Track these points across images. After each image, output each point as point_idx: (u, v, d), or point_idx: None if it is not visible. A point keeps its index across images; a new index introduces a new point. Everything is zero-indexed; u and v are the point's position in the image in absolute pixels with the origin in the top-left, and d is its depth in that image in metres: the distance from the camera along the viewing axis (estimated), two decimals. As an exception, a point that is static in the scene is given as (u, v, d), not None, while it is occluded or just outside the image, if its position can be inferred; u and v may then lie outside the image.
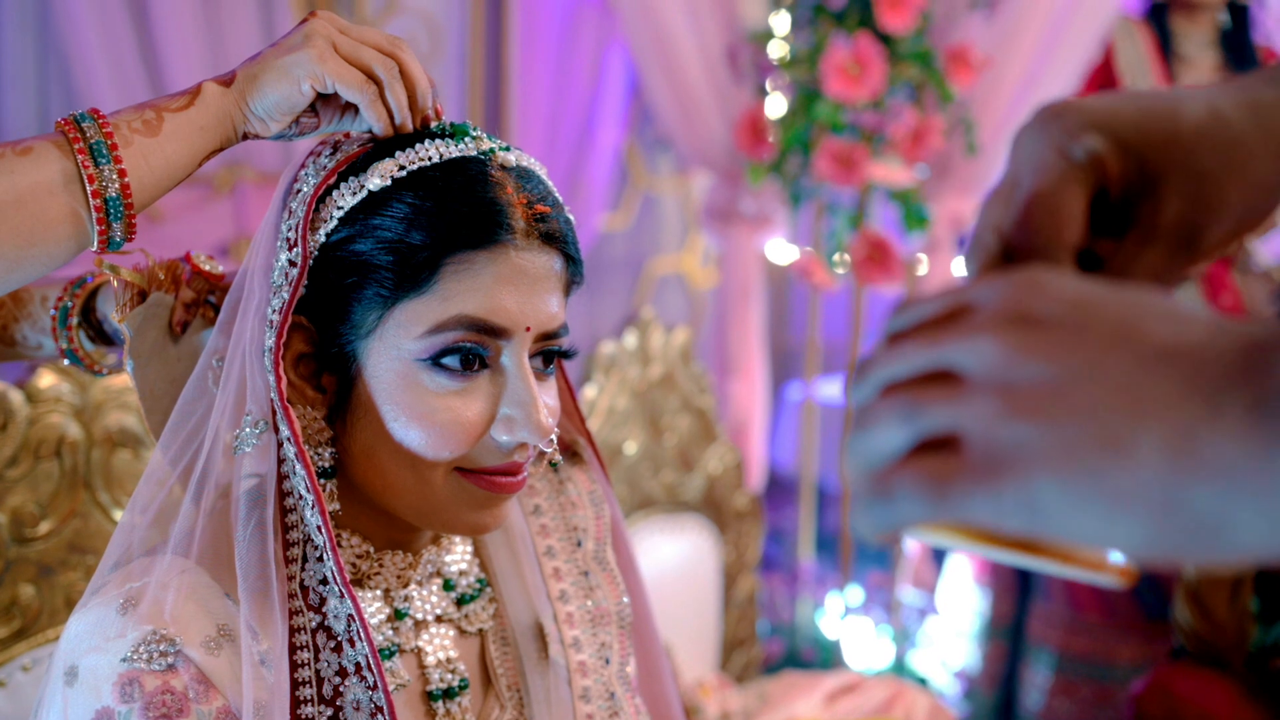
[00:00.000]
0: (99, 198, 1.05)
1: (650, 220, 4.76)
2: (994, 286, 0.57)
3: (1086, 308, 0.55)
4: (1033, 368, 0.54)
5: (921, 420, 0.56)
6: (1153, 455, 0.51)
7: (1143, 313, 0.54)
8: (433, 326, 1.09)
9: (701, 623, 2.68)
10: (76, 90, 3.13)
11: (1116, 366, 0.53)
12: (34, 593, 1.59)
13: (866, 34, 3.17)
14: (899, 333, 0.60)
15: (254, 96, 1.11)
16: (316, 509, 1.06)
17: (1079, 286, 0.56)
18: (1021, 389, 0.54)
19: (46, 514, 1.60)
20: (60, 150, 1.05)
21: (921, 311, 0.59)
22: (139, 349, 1.19)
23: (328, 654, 1.08)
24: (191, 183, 3.36)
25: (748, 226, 3.70)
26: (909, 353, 0.58)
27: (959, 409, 0.55)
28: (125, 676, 1.03)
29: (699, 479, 2.64)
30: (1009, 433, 0.53)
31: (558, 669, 1.26)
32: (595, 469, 1.36)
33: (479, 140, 1.15)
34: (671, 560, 2.58)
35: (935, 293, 0.60)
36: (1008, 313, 0.56)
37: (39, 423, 1.59)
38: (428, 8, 3.91)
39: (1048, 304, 0.55)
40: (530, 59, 3.96)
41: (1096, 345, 0.53)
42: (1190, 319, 0.54)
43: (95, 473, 1.64)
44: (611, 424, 2.46)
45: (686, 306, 4.84)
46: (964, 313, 0.57)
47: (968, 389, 0.55)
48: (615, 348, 2.49)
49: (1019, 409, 0.53)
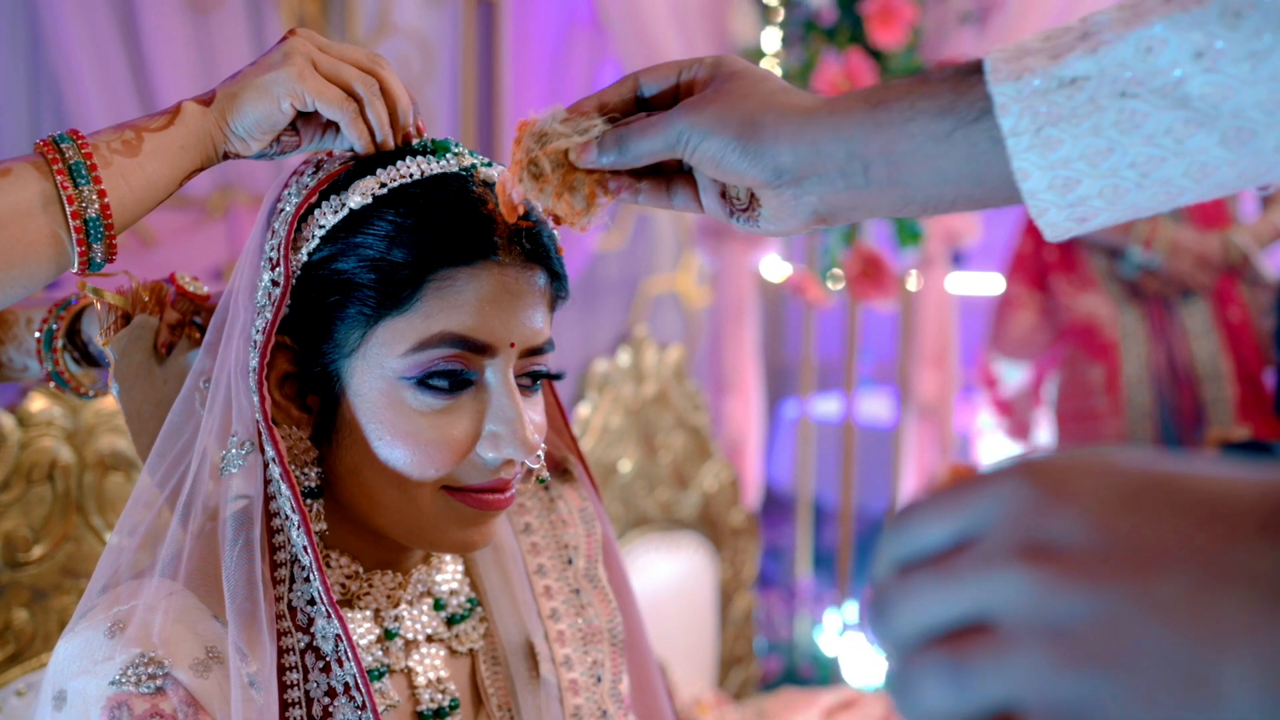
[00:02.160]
0: (79, 218, 1.04)
1: (645, 239, 4.77)
2: (1000, 498, 0.51)
3: (1115, 516, 0.48)
4: (1076, 603, 0.47)
5: (972, 683, 0.49)
6: (1244, 690, 0.44)
7: (1183, 510, 0.48)
8: (416, 344, 1.09)
9: (698, 640, 2.67)
10: (68, 113, 3.14)
11: (1170, 588, 0.46)
12: (27, 617, 1.58)
13: (857, 50, 3.18)
14: (908, 563, 0.53)
15: (234, 115, 1.11)
16: (302, 529, 1.06)
17: (1099, 486, 0.49)
18: (1072, 632, 0.47)
19: (39, 538, 1.59)
20: (39, 171, 1.04)
21: (927, 538, 0.53)
22: (124, 372, 1.18)
23: (316, 674, 1.07)
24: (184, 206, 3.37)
25: (741, 244, 3.70)
26: (929, 594, 0.51)
27: (1009, 666, 0.48)
28: (114, 700, 1.03)
29: (694, 496, 2.64)
30: (1073, 689, 0.46)
31: (549, 688, 1.25)
32: (586, 486, 1.36)
33: (460, 156, 1.14)
34: (667, 578, 2.58)
35: (938, 499, 0.53)
36: (1025, 538, 0.49)
37: (31, 447, 1.59)
38: (420, 27, 3.92)
39: (1069, 519, 0.49)
40: (523, 78, 3.97)
41: (1140, 564, 0.47)
42: (1239, 506, 0.47)
43: (88, 496, 1.64)
44: (606, 442, 2.46)
45: (681, 325, 4.85)
46: (972, 544, 0.51)
47: (1011, 639, 0.48)
48: (609, 366, 2.49)
49: (1076, 658, 0.47)
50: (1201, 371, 3.30)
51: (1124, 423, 3.32)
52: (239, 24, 3.47)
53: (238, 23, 3.46)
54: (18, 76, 3.24)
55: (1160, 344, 3.35)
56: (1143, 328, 3.35)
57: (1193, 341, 3.32)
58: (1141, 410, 3.34)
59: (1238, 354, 3.31)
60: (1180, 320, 3.33)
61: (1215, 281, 3.28)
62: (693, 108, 0.99)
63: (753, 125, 0.97)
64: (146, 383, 1.19)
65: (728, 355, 3.76)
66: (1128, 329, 3.36)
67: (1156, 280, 3.31)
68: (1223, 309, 3.31)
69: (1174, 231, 3.26)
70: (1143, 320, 3.36)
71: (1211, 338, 3.31)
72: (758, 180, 0.98)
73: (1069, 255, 3.41)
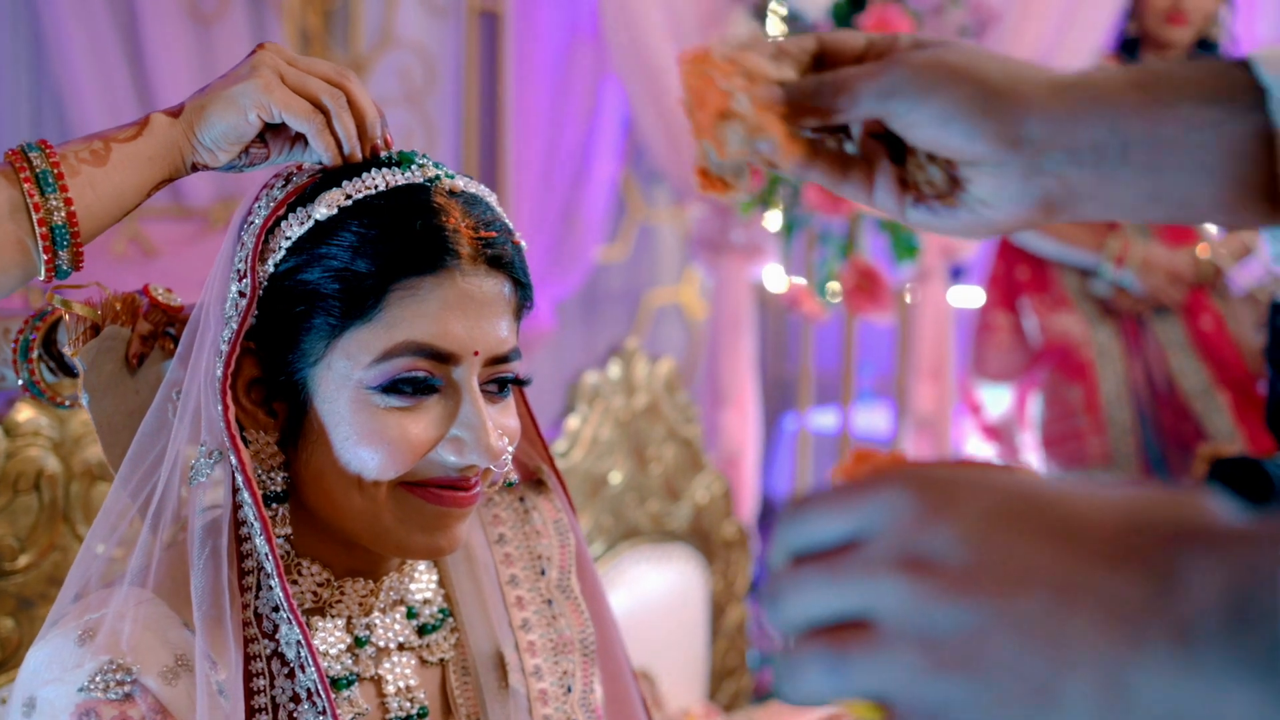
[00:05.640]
0: (44, 226, 1.06)
1: (647, 251, 4.78)
2: (887, 507, 0.55)
3: (987, 534, 0.52)
4: (946, 614, 0.51)
5: (848, 674, 0.53)
6: (1084, 705, 0.48)
7: (1048, 533, 0.52)
8: (381, 354, 1.10)
9: (690, 652, 2.68)
10: (70, 123, 3.17)
11: (1028, 606, 0.50)
12: (13, 626, 1.59)
13: (854, 64, 3.18)
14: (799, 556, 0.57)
15: (201, 126, 1.13)
16: (264, 535, 1.07)
17: (976, 504, 0.53)
18: (940, 640, 0.51)
19: (25, 547, 1.60)
20: (7, 180, 1.06)
21: (819, 534, 0.57)
22: (93, 382, 1.19)
23: (282, 680, 1.09)
24: (187, 217, 3.39)
25: (738, 257, 3.71)
26: (817, 589, 0.55)
27: (883, 664, 0.53)
28: (83, 707, 1.04)
29: (686, 508, 2.65)
30: (937, 692, 0.51)
31: (518, 698, 1.26)
32: (560, 497, 1.36)
33: (425, 168, 1.15)
34: (658, 589, 2.59)
35: (832, 496, 0.57)
36: (907, 550, 0.53)
37: (17, 456, 1.60)
38: (422, 40, 3.94)
39: (945, 536, 0.53)
40: (526, 91, 3.98)
41: (1004, 582, 0.51)
42: (1099, 531, 0.51)
43: (74, 506, 1.65)
44: (596, 454, 2.47)
45: (685, 337, 4.85)
46: (859, 546, 0.55)
47: (887, 639, 0.53)
48: (599, 378, 2.49)
49: (942, 664, 0.51)
50: (1188, 388, 3.34)
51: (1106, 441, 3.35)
52: (241, 35, 3.49)
53: (240, 33, 3.49)
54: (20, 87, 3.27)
55: (1137, 360, 3.39)
56: (1117, 345, 3.40)
57: (1171, 358, 3.35)
58: (1123, 428, 3.37)
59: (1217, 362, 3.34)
60: (1155, 335, 3.38)
61: (1186, 296, 3.33)
62: (919, 61, 0.84)
63: (995, 86, 0.83)
64: (118, 393, 1.21)
65: (725, 368, 3.76)
66: (1102, 347, 3.40)
67: (1129, 297, 3.36)
68: (1194, 321, 3.35)
69: (1145, 249, 3.31)
70: (1116, 337, 3.41)
71: (1188, 352, 3.35)
72: (988, 150, 0.83)
73: (1041, 275, 3.46)
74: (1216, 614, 0.47)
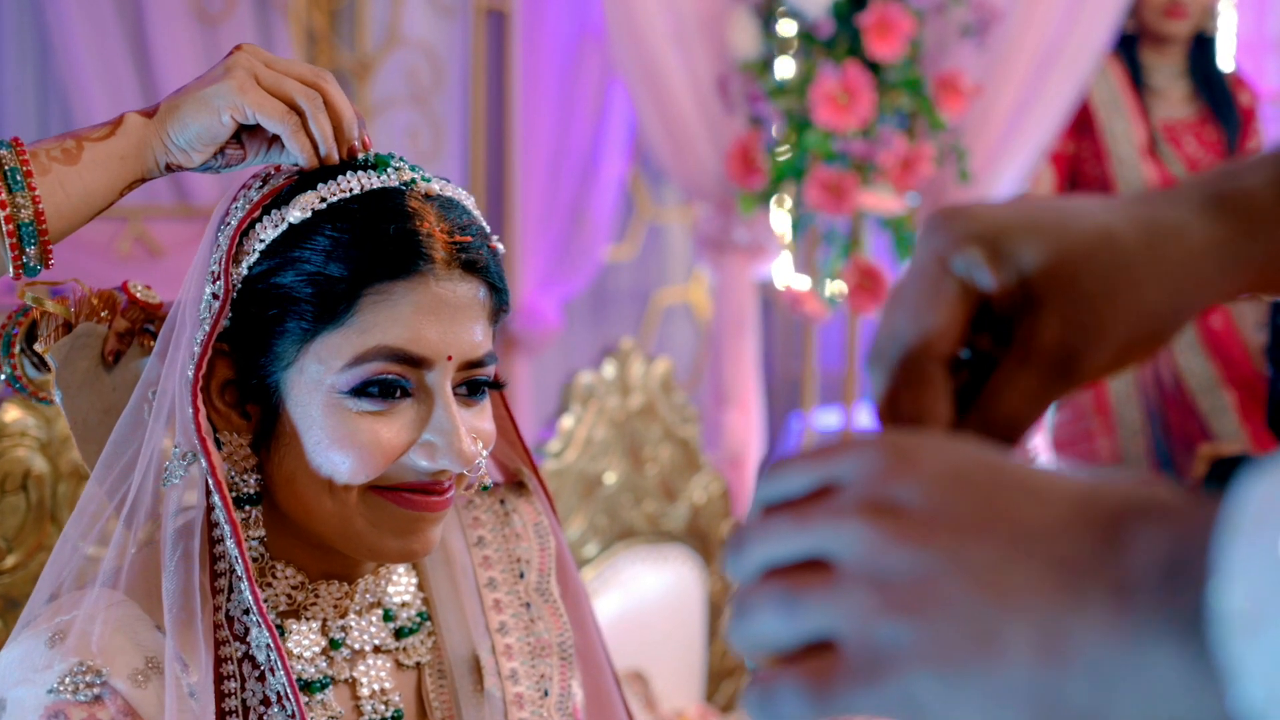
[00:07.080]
0: (11, 223, 1.07)
1: (656, 251, 4.77)
2: (857, 462, 0.56)
3: (948, 488, 0.54)
4: (902, 558, 0.53)
5: (800, 613, 0.54)
6: (1023, 651, 0.50)
7: (1006, 492, 0.53)
8: (353, 358, 1.10)
9: (686, 653, 2.68)
10: (75, 123, 3.17)
11: (980, 555, 0.52)
12: (1, 626, 1.60)
13: (855, 62, 3.18)
14: (770, 505, 0.59)
15: (175, 127, 1.13)
16: (233, 537, 1.07)
17: (941, 462, 0.55)
18: (892, 582, 0.53)
19: (13, 548, 1.61)
20: None
21: (790, 485, 0.58)
22: (67, 379, 1.20)
23: (253, 683, 1.09)
24: (192, 217, 3.40)
25: (742, 256, 3.69)
26: (781, 534, 0.57)
27: (835, 603, 0.54)
28: (51, 708, 1.04)
29: (683, 509, 2.65)
30: (884, 631, 0.52)
31: (493, 701, 1.25)
32: (541, 499, 1.36)
33: (401, 171, 1.15)
34: (654, 590, 2.58)
35: (807, 455, 0.59)
36: (871, 497, 0.55)
37: (4, 456, 1.60)
38: (429, 39, 3.94)
39: (910, 486, 0.54)
40: (533, 91, 3.98)
41: (960, 532, 0.52)
42: (1054, 495, 0.53)
43: (61, 506, 1.65)
44: (590, 454, 2.47)
45: (694, 337, 4.84)
46: (830, 491, 0.56)
47: (842, 580, 0.54)
48: (593, 378, 2.49)
49: (891, 605, 0.52)
50: (1194, 384, 3.32)
51: (1116, 442, 3.34)
52: (248, 35, 3.49)
53: (246, 34, 3.49)
54: (26, 86, 3.28)
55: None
56: None
57: (1178, 355, 3.33)
58: (1132, 429, 3.35)
59: (1225, 360, 3.32)
60: None
61: None
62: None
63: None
64: (93, 390, 1.21)
65: (727, 367, 3.76)
66: None
67: None
68: (1204, 318, 3.33)
69: None
70: None
71: (1196, 349, 3.33)
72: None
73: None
74: (1153, 576, 0.48)
